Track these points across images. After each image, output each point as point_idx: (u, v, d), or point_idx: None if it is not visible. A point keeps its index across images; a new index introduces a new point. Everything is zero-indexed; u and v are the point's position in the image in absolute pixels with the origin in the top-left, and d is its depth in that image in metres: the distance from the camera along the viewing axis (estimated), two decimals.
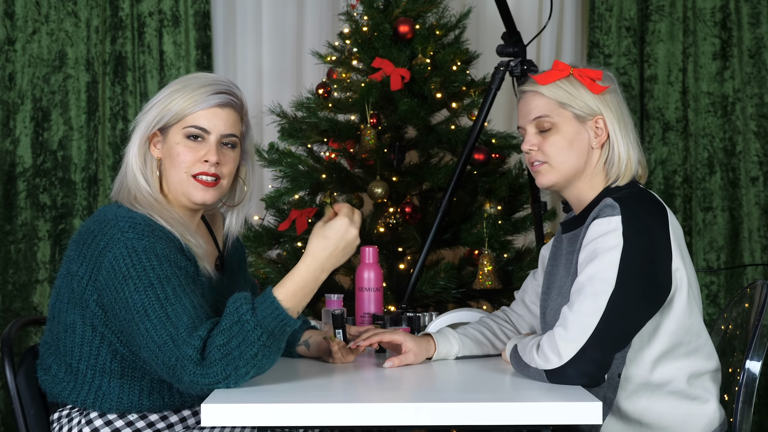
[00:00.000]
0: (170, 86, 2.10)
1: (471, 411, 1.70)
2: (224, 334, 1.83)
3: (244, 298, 1.85)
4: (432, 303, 3.16)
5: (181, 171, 2.05)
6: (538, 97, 2.10)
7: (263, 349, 1.83)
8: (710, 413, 2.03)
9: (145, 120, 2.08)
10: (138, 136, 2.09)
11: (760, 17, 3.96)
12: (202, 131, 2.05)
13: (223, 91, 2.07)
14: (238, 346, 1.82)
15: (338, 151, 3.29)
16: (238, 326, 1.83)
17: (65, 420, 2.04)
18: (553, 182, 2.11)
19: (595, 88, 2.08)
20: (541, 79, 2.10)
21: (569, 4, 4.08)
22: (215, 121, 2.06)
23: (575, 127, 2.09)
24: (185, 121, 2.05)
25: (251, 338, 1.82)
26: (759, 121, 3.96)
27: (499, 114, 3.96)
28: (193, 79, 2.10)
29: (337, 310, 2.39)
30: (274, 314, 1.84)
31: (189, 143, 2.05)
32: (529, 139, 2.11)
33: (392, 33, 3.28)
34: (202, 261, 2.04)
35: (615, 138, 2.08)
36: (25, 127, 3.86)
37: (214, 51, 3.98)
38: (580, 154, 2.09)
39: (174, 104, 2.05)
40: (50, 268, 3.86)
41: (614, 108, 2.09)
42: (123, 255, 1.91)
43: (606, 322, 1.89)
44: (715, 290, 3.96)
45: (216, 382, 1.82)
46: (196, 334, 1.84)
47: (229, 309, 1.85)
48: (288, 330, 1.87)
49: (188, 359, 1.82)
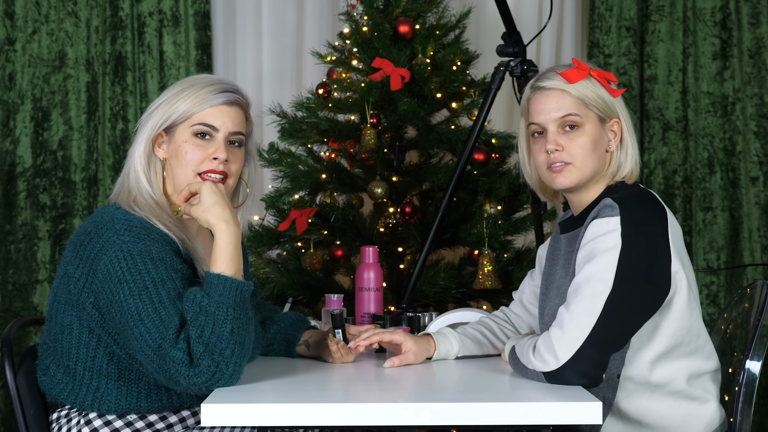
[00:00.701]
0: (175, 87, 2.10)
1: (471, 411, 1.70)
2: (195, 327, 1.84)
3: (194, 290, 1.87)
4: (432, 303, 3.16)
5: (189, 169, 2.05)
6: (566, 96, 2.05)
7: (235, 322, 1.84)
8: (710, 413, 2.03)
9: (151, 120, 2.08)
10: (143, 137, 2.09)
11: (760, 17, 3.96)
12: (211, 128, 2.05)
13: (229, 89, 2.08)
14: (212, 331, 1.83)
15: (338, 151, 3.29)
16: (202, 314, 1.84)
17: (64, 420, 2.04)
18: (575, 183, 2.07)
19: (614, 91, 2.07)
20: (571, 77, 2.04)
21: (569, 4, 4.08)
22: (223, 119, 2.06)
23: (598, 128, 2.07)
24: (193, 119, 2.05)
25: (219, 318, 1.83)
26: (759, 121, 3.96)
27: (499, 114, 3.96)
28: (198, 79, 2.10)
29: (336, 310, 2.40)
30: (225, 286, 1.86)
31: (197, 141, 2.05)
32: (553, 138, 2.05)
33: (392, 33, 3.28)
34: (200, 264, 2.04)
35: (630, 141, 2.08)
36: (25, 127, 3.86)
37: (214, 51, 3.99)
38: (601, 156, 2.07)
39: (181, 103, 2.06)
40: (50, 268, 3.86)
41: (626, 111, 2.10)
42: (118, 258, 1.91)
43: (603, 324, 1.89)
44: (715, 290, 3.96)
45: (211, 376, 1.82)
46: (181, 337, 1.84)
47: (187, 305, 1.86)
48: (246, 295, 1.89)
49: (180, 363, 1.83)
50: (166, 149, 2.08)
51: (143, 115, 2.12)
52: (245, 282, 1.89)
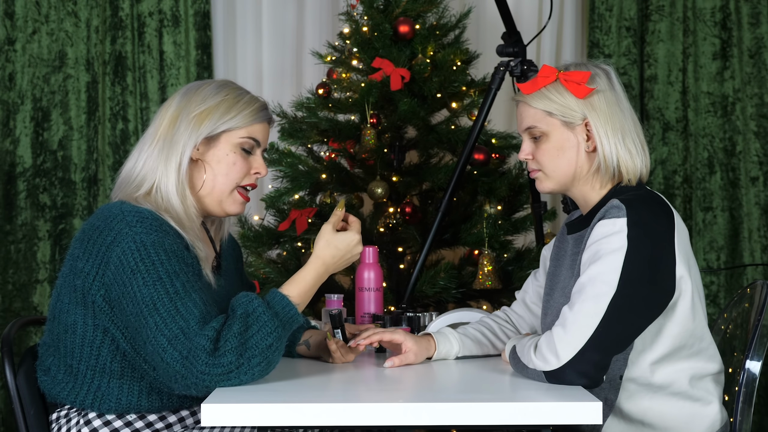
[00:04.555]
0: (218, 95, 2.10)
1: (471, 411, 1.70)
2: (240, 323, 1.86)
3: (252, 295, 1.92)
4: (432, 303, 3.16)
5: (233, 181, 2.10)
6: (526, 107, 2.10)
7: (277, 341, 1.88)
8: (713, 415, 2.03)
9: (205, 124, 2.07)
10: (191, 141, 2.07)
11: (760, 17, 3.96)
12: (256, 144, 2.13)
13: (267, 107, 2.17)
14: (256, 333, 1.86)
15: (338, 151, 3.29)
16: (253, 317, 1.88)
17: (63, 420, 2.04)
18: (551, 189, 2.12)
19: (580, 92, 2.04)
20: (526, 88, 2.09)
21: (569, 4, 4.08)
22: (265, 135, 2.16)
23: (564, 134, 2.07)
24: (243, 131, 2.10)
25: (268, 327, 1.87)
26: (759, 121, 3.96)
27: (499, 114, 3.96)
28: (244, 91, 2.14)
29: (334, 310, 2.40)
30: (286, 308, 1.92)
31: (243, 154, 2.11)
32: (523, 148, 2.12)
33: (392, 33, 3.28)
34: (203, 263, 2.04)
35: (600, 141, 2.04)
36: (25, 127, 3.86)
37: (214, 51, 3.99)
38: (570, 160, 2.07)
39: (238, 115, 2.09)
40: (50, 268, 3.86)
41: (602, 109, 2.05)
42: (131, 249, 1.92)
43: (606, 325, 1.89)
44: (715, 290, 3.96)
45: (227, 372, 1.83)
46: (209, 326, 1.86)
47: (241, 302, 1.90)
48: (295, 326, 1.95)
49: (201, 349, 1.83)
50: (203, 152, 2.09)
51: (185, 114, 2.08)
52: (302, 316, 1.97)
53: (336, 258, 2.03)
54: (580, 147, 2.07)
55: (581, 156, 2.07)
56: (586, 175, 2.08)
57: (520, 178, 3.30)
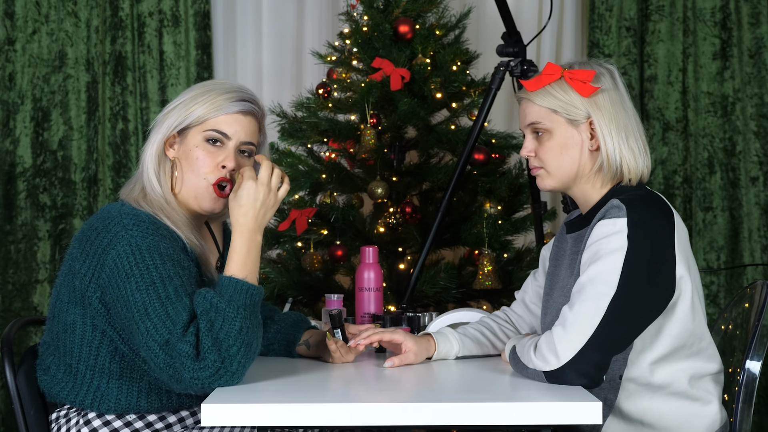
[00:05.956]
0: (194, 89, 2.11)
1: (471, 411, 1.70)
2: (205, 321, 1.85)
3: (205, 290, 1.90)
4: (432, 303, 3.16)
5: (200, 177, 2.06)
6: (530, 105, 2.09)
7: (245, 321, 1.86)
8: (712, 414, 2.03)
9: (167, 121, 2.09)
10: (157, 137, 2.09)
11: (760, 17, 3.96)
12: (223, 136, 2.07)
13: (247, 98, 2.10)
14: (222, 324, 1.84)
15: (338, 151, 3.29)
16: (213, 310, 1.86)
17: (63, 420, 2.04)
18: (552, 187, 2.11)
19: (585, 91, 2.05)
20: (530, 86, 2.08)
21: (569, 4, 4.08)
22: (236, 127, 2.08)
23: (568, 131, 2.07)
24: (206, 124, 2.06)
25: (229, 315, 1.85)
26: (759, 121, 3.96)
27: (499, 114, 3.96)
28: (218, 85, 2.11)
29: (334, 310, 2.40)
30: (236, 289, 1.89)
31: (208, 147, 2.07)
32: (526, 144, 2.11)
33: (392, 33, 3.28)
34: (205, 263, 2.04)
35: (603, 140, 2.04)
36: (25, 127, 3.86)
37: (214, 51, 3.99)
38: (573, 158, 2.07)
39: (197, 107, 2.06)
40: (50, 268, 3.86)
41: (606, 108, 2.05)
42: (126, 253, 1.92)
43: (606, 325, 1.89)
44: (715, 290, 3.96)
45: (215, 372, 1.83)
46: (189, 331, 1.85)
47: (198, 301, 1.88)
48: (257, 299, 1.91)
49: (186, 356, 1.83)
50: (177, 150, 2.09)
51: (159, 114, 2.12)
52: (256, 286, 1.92)
53: (248, 213, 1.95)
54: (584, 145, 2.07)
55: (584, 154, 2.07)
56: (588, 173, 2.08)
57: (520, 178, 3.30)
